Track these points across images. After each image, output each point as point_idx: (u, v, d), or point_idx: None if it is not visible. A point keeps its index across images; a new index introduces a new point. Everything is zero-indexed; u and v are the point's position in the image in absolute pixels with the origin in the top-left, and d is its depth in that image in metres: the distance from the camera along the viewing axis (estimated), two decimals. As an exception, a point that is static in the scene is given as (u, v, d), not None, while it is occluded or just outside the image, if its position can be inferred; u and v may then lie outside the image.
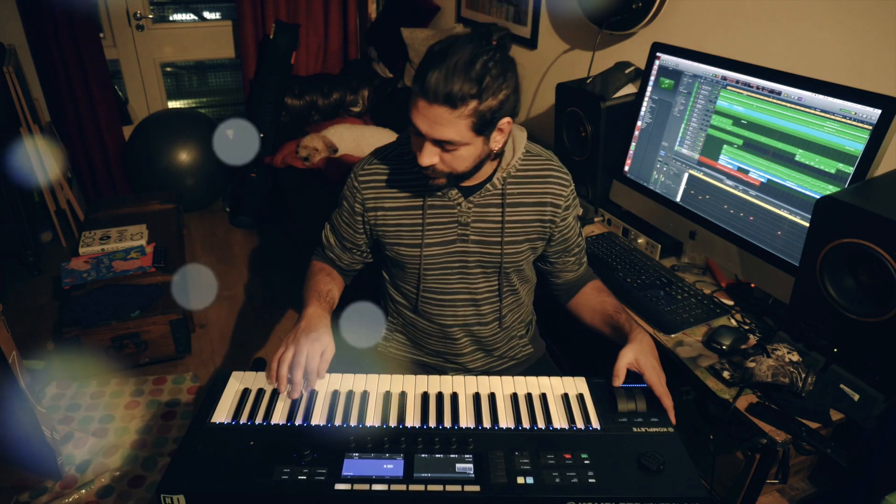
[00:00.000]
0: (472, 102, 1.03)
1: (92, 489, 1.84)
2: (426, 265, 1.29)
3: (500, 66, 1.04)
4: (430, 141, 1.09)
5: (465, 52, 1.01)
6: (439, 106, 1.03)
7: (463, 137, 1.07)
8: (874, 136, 1.18)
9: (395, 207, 1.27)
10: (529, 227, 1.28)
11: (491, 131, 1.10)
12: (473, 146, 1.10)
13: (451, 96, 1.01)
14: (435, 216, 1.26)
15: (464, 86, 1.01)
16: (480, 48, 1.02)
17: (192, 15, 3.68)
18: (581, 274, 1.42)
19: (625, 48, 2.12)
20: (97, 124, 3.29)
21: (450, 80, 1.01)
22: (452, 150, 1.09)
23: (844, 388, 1.17)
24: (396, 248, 1.29)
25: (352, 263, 1.40)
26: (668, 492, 0.94)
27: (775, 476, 1.27)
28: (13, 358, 1.60)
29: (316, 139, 2.88)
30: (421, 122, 1.07)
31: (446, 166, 1.13)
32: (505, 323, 1.38)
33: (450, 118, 1.04)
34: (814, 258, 1.17)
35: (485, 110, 1.05)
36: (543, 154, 1.30)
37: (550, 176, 1.28)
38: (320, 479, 0.94)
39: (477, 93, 1.02)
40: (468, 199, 1.24)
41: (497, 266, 1.29)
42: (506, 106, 1.08)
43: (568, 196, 1.29)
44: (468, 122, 1.05)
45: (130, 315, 2.26)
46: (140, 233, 2.73)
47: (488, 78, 1.02)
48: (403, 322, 1.42)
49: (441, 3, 3.28)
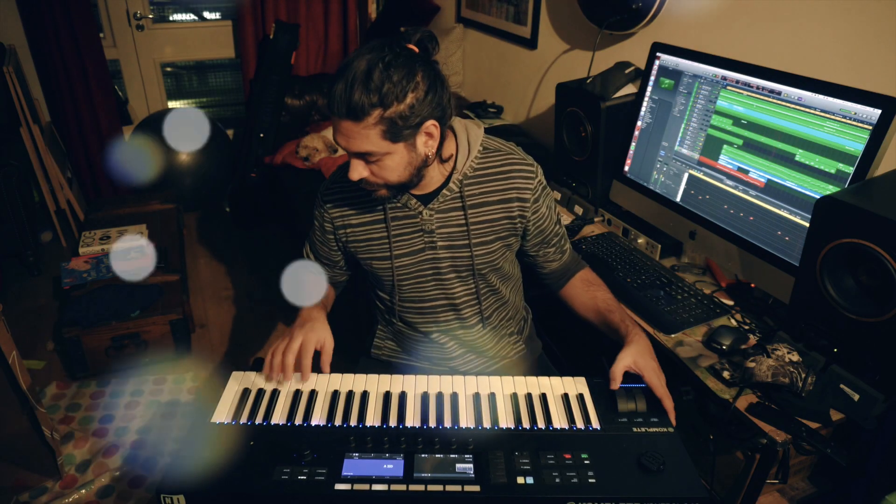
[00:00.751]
0: (374, 112, 1.02)
1: (92, 489, 1.84)
2: (399, 276, 1.29)
3: (403, 71, 1.02)
4: (351, 155, 1.09)
5: (362, 63, 1.01)
6: (345, 120, 1.03)
7: (379, 147, 1.06)
8: (874, 136, 1.18)
9: (362, 223, 1.28)
10: (498, 226, 1.26)
11: (413, 136, 1.08)
12: (397, 155, 1.09)
13: (353, 108, 1.01)
14: (399, 227, 1.25)
15: (362, 96, 1.00)
16: (378, 56, 1.02)
17: (192, 15, 3.67)
18: (566, 262, 1.39)
19: (625, 48, 2.12)
20: (97, 124, 3.29)
21: (349, 92, 1.00)
22: (377, 161, 1.09)
23: (844, 388, 1.17)
24: (370, 262, 1.30)
25: (333, 277, 1.42)
26: (668, 492, 0.94)
27: (775, 476, 1.27)
28: (13, 358, 1.60)
29: (316, 139, 2.88)
30: (338, 138, 1.08)
31: (378, 178, 1.12)
32: (490, 323, 1.37)
33: (358, 130, 1.04)
34: (814, 258, 1.17)
35: (393, 117, 1.03)
36: (503, 149, 1.26)
37: (512, 171, 1.24)
38: (320, 479, 0.94)
39: (378, 101, 1.01)
40: (428, 207, 1.23)
41: (470, 269, 1.28)
42: (420, 110, 1.05)
43: (535, 188, 1.25)
44: (377, 132, 1.04)
45: (130, 315, 2.26)
46: (140, 233, 2.73)
47: (387, 84, 1.01)
48: (392, 330, 1.43)
49: (441, 3, 3.28)
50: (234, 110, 4.01)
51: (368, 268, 1.32)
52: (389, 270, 1.29)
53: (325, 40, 3.54)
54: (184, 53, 3.64)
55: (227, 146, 3.54)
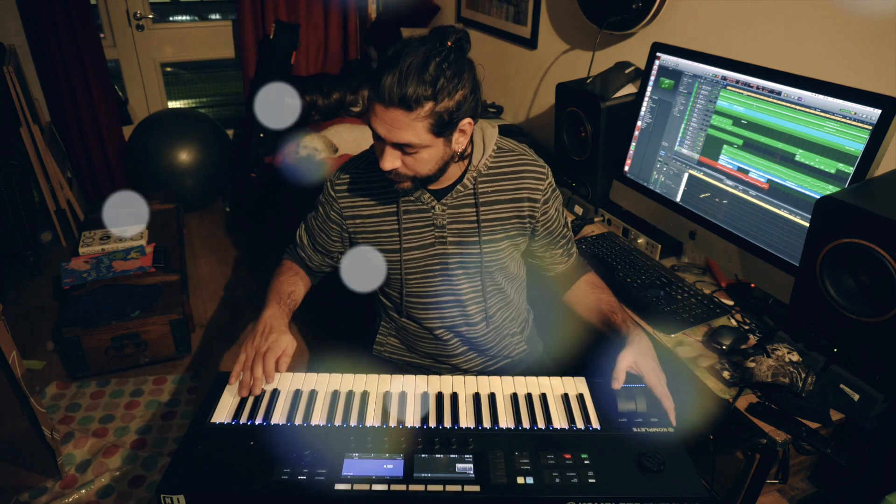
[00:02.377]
0: (427, 104, 1.03)
1: (92, 489, 1.84)
2: (407, 269, 1.29)
3: (455, 68, 1.04)
4: (389, 145, 1.09)
5: (418, 55, 1.02)
6: (395, 109, 1.04)
7: (422, 140, 1.07)
8: (874, 136, 1.18)
9: (372, 215, 1.28)
10: (508, 224, 1.28)
11: (451, 133, 1.10)
12: (434, 148, 1.10)
13: (406, 99, 1.02)
14: (411, 221, 1.26)
15: (418, 88, 1.02)
16: (433, 50, 1.03)
17: (192, 15, 3.67)
18: (573, 265, 1.41)
19: (625, 48, 2.12)
20: (97, 124, 3.29)
21: (404, 83, 1.01)
22: (413, 154, 1.10)
23: (844, 388, 1.17)
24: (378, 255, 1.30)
25: (321, 265, 1.41)
26: (668, 492, 0.94)
27: (775, 476, 1.27)
28: (13, 358, 1.60)
29: (316, 139, 2.88)
30: (379, 127, 1.07)
31: (409, 170, 1.13)
32: (494, 322, 1.38)
33: (406, 121, 1.04)
34: (814, 258, 1.17)
35: (442, 112, 1.05)
36: (516, 149, 1.29)
37: (524, 171, 1.27)
38: (320, 479, 0.94)
39: (432, 94, 1.03)
40: (441, 202, 1.25)
41: (478, 266, 1.29)
42: (464, 107, 1.08)
43: (546, 189, 1.28)
44: (425, 125, 1.05)
45: (130, 315, 2.26)
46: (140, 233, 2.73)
47: (442, 79, 1.03)
48: (396, 326, 1.43)
49: (441, 3, 3.28)
50: (234, 110, 4.01)
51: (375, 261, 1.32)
52: (398, 264, 1.29)
53: (325, 40, 3.54)
54: (184, 53, 3.64)
55: (227, 146, 3.54)
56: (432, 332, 1.37)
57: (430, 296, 1.33)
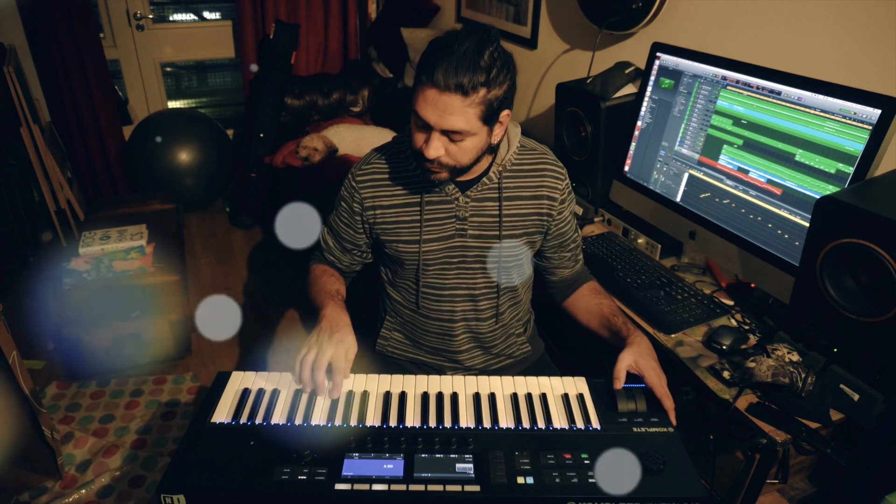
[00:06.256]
0: (481, 91, 1.05)
1: (92, 489, 1.84)
2: (425, 261, 1.29)
3: (504, 58, 1.07)
4: (437, 132, 1.10)
5: (472, 43, 1.04)
6: (451, 94, 1.04)
7: (471, 127, 1.08)
8: (874, 136, 1.18)
9: (394, 205, 1.28)
10: (527, 221, 1.28)
11: (495, 122, 1.13)
12: (479, 137, 1.11)
13: (463, 85, 1.03)
14: (433, 212, 1.26)
15: (475, 74, 1.03)
16: (485, 40, 1.05)
17: (192, 15, 3.68)
18: (577, 272, 1.43)
19: (625, 48, 2.12)
20: (97, 124, 3.29)
21: (461, 68, 1.02)
22: (459, 141, 1.10)
23: (844, 388, 1.17)
24: (395, 246, 1.30)
25: (352, 265, 1.41)
26: (668, 492, 0.94)
27: (775, 476, 1.27)
28: (13, 358, 1.60)
29: (316, 139, 2.88)
30: (430, 113, 1.07)
31: (451, 159, 1.14)
32: (503, 319, 1.38)
33: (461, 106, 1.05)
34: (814, 258, 1.17)
35: (493, 99, 1.07)
36: (538, 148, 1.32)
37: (546, 169, 1.29)
38: (320, 479, 0.94)
39: (486, 81, 1.04)
40: (465, 194, 1.25)
41: (496, 261, 1.29)
42: (508, 97, 1.10)
43: (563, 189, 1.30)
44: (478, 111, 1.07)
45: (130, 315, 2.26)
46: (140, 233, 2.73)
47: (495, 68, 1.05)
48: (402, 320, 1.42)
49: (441, 3, 3.28)
50: (234, 110, 4.01)
51: (392, 251, 1.31)
52: (415, 255, 1.29)
53: (325, 40, 3.54)
54: (184, 53, 3.64)
55: (227, 146, 3.54)
56: (443, 325, 1.37)
57: (445, 288, 1.33)
